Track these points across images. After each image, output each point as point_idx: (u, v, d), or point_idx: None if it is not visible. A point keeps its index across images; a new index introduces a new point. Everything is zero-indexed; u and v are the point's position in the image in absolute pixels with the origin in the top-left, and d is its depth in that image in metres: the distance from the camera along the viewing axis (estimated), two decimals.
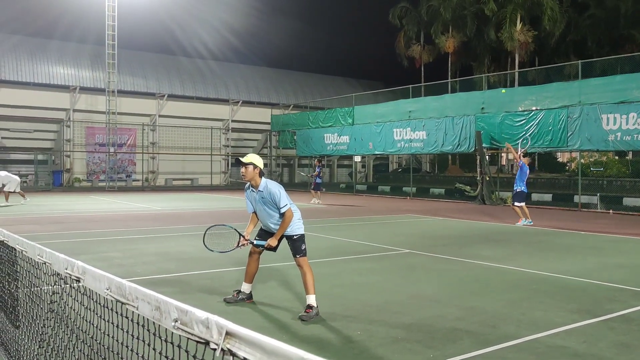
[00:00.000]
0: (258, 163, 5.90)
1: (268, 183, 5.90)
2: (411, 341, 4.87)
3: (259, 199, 5.94)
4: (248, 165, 5.85)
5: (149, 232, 12.70)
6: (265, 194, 5.86)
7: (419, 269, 8.33)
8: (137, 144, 36.25)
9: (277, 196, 5.79)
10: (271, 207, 5.89)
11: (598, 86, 20.00)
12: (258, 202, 5.97)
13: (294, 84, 45.15)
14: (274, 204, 5.84)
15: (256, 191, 5.94)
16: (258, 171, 5.88)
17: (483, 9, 39.85)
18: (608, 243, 11.67)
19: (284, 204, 5.79)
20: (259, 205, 5.98)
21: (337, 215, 17.81)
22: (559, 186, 27.64)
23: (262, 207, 5.95)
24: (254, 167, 5.85)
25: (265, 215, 5.99)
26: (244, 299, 6.20)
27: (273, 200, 5.82)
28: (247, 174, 5.86)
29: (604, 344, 4.80)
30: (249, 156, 5.96)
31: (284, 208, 5.78)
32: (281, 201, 5.79)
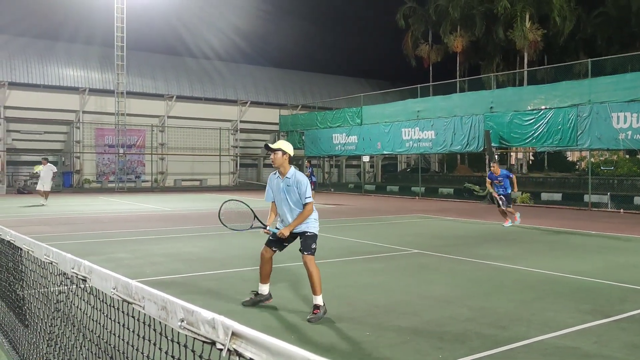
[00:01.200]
0: (287, 149, 5.74)
1: (297, 173, 5.76)
2: (420, 342, 4.83)
3: (283, 187, 5.77)
4: (277, 151, 5.69)
5: (158, 232, 12.73)
6: (292, 181, 5.71)
7: (428, 269, 8.28)
8: (146, 145, 36.41)
9: (303, 186, 5.66)
10: (293, 196, 5.73)
11: (608, 84, 19.84)
12: (281, 190, 5.79)
13: (302, 84, 45.16)
14: (297, 194, 5.70)
15: (282, 178, 5.78)
16: (287, 158, 5.73)
17: (491, 8, 39.68)
18: (619, 243, 11.57)
19: (309, 196, 5.68)
20: (280, 194, 5.80)
21: (345, 215, 17.78)
22: (569, 185, 27.44)
23: (284, 195, 5.77)
24: (282, 153, 5.70)
25: (284, 205, 5.82)
26: (263, 300, 6.05)
27: (298, 190, 5.68)
28: (276, 160, 5.71)
29: (615, 345, 4.74)
30: (279, 142, 5.84)
31: (308, 199, 5.67)
32: (307, 192, 5.68)
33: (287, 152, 5.72)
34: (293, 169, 5.79)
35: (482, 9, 39.85)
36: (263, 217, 6.02)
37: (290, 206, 5.79)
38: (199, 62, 41.46)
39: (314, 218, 5.84)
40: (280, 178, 5.81)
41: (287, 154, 5.72)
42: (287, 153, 5.71)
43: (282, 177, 5.78)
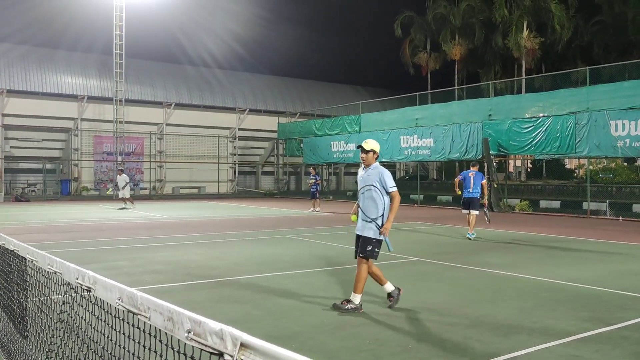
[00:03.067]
0: (377, 149, 6.29)
1: (379, 166, 6.28)
2: (422, 350, 4.82)
3: (365, 176, 6.23)
4: (369, 152, 6.22)
5: (157, 240, 12.70)
6: (373, 171, 6.17)
7: (428, 277, 8.28)
8: (145, 152, 36.38)
9: (384, 174, 6.11)
10: (374, 185, 6.10)
11: (606, 92, 19.92)
12: (363, 179, 6.24)
13: (301, 92, 45.22)
14: (378, 183, 6.09)
15: (365, 169, 6.29)
16: (376, 157, 6.28)
17: (490, 16, 39.90)
18: (619, 250, 11.57)
19: (393, 185, 6.11)
20: (362, 183, 6.25)
21: (344, 223, 17.77)
22: (568, 193, 27.46)
23: (365, 185, 6.19)
24: (374, 153, 6.24)
25: (365, 193, 6.18)
26: (398, 294, 6.36)
27: (381, 180, 6.09)
28: (368, 159, 6.25)
29: (617, 353, 4.74)
30: (370, 143, 6.31)
31: (393, 188, 6.09)
32: (390, 180, 6.11)
33: (377, 152, 6.30)
34: (377, 163, 6.30)
35: (481, 18, 40.08)
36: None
37: (370, 192, 6.15)
38: (198, 69, 41.52)
39: (378, 223, 6.15)
40: (365, 170, 6.32)
41: (377, 154, 6.30)
42: (377, 152, 6.30)
43: (366, 168, 6.30)
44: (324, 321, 5.76)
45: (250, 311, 6.18)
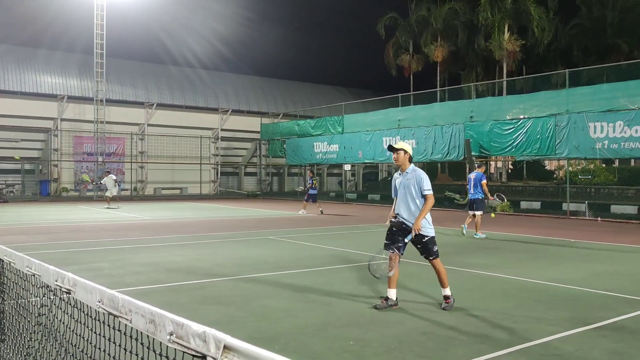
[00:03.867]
0: (408, 149, 6.37)
1: (416, 169, 6.39)
2: (404, 351, 4.83)
3: (403, 181, 6.35)
4: (399, 150, 6.32)
5: (138, 242, 12.59)
6: (411, 176, 6.30)
7: (411, 278, 8.29)
8: (126, 153, 36.04)
9: (421, 178, 6.24)
10: (412, 189, 6.26)
11: (585, 95, 20.19)
12: (402, 184, 6.36)
13: (284, 93, 45.17)
14: (416, 187, 6.24)
15: (402, 173, 6.40)
16: (408, 157, 6.34)
17: (472, 18, 40.24)
18: (598, 250, 11.73)
19: (428, 188, 6.23)
20: (401, 189, 6.38)
21: (328, 224, 17.78)
22: (548, 194, 27.79)
23: (404, 190, 6.32)
24: (404, 153, 6.31)
25: (404, 198, 6.34)
26: (392, 305, 6.33)
27: (418, 183, 6.24)
28: (399, 159, 6.34)
29: (597, 352, 4.79)
30: (400, 143, 6.49)
31: (427, 191, 6.22)
32: (425, 184, 6.24)
33: (408, 151, 6.35)
34: (413, 166, 6.41)
35: (464, 20, 40.42)
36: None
37: (407, 200, 6.31)
38: (180, 69, 41.27)
39: (430, 221, 6.34)
40: (401, 174, 6.44)
41: (409, 154, 6.35)
42: (408, 153, 6.34)
43: (403, 173, 6.41)
44: (308, 322, 5.75)
45: (234, 313, 6.15)
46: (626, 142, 18.53)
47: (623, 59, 34.69)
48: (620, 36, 38.22)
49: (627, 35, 38.16)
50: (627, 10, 38.14)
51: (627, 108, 18.61)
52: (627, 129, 18.46)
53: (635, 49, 37.89)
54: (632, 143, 18.40)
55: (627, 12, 38.17)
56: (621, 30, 38.36)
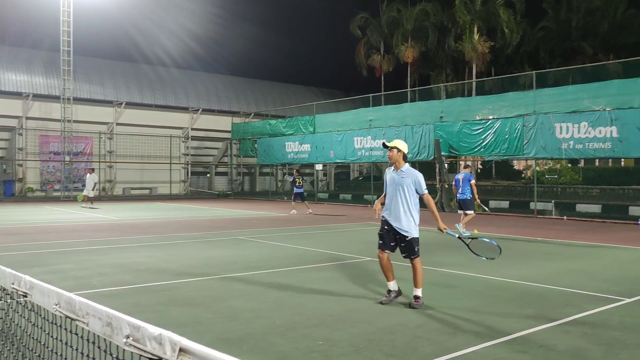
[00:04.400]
0: (402, 147, 6.49)
1: (410, 168, 6.55)
2: (373, 350, 4.85)
3: (397, 179, 6.44)
4: (393, 148, 6.45)
5: (105, 243, 12.38)
6: (407, 175, 6.44)
7: (379, 277, 8.33)
8: (94, 152, 35.39)
9: (418, 178, 6.42)
10: (407, 188, 6.39)
11: (551, 96, 20.59)
12: (396, 182, 6.44)
13: (255, 92, 44.95)
14: (412, 187, 6.38)
15: (397, 171, 6.47)
16: (402, 155, 6.46)
17: (442, 20, 40.72)
18: (563, 248, 11.97)
19: (425, 188, 6.44)
20: (394, 186, 6.46)
21: (298, 223, 17.76)
22: (516, 193, 28.29)
23: (397, 187, 6.43)
24: (397, 151, 6.44)
25: (395, 196, 6.43)
26: (396, 296, 6.58)
27: (415, 182, 6.38)
28: (392, 156, 6.46)
29: (560, 348, 4.89)
30: (394, 141, 6.63)
31: (426, 191, 6.45)
32: (423, 184, 6.43)
33: (402, 150, 6.46)
34: (408, 165, 6.55)
35: (434, 21, 40.86)
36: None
37: (398, 199, 6.41)
38: (150, 68, 40.70)
39: (417, 222, 6.53)
40: (396, 172, 6.51)
41: (402, 152, 6.46)
42: (402, 151, 6.46)
43: (397, 171, 6.50)
44: (276, 323, 5.73)
45: (201, 314, 6.09)
46: (590, 143, 18.96)
47: (588, 61, 35.54)
48: (585, 39, 39.13)
49: (591, 38, 39.09)
50: (591, 14, 39.07)
51: (591, 109, 19.04)
52: (591, 130, 18.89)
53: (599, 51, 38.81)
54: (595, 143, 18.84)
55: (591, 16, 39.09)
56: (585, 33, 39.28)
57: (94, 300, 5.48)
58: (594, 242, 12.93)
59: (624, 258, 10.75)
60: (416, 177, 6.42)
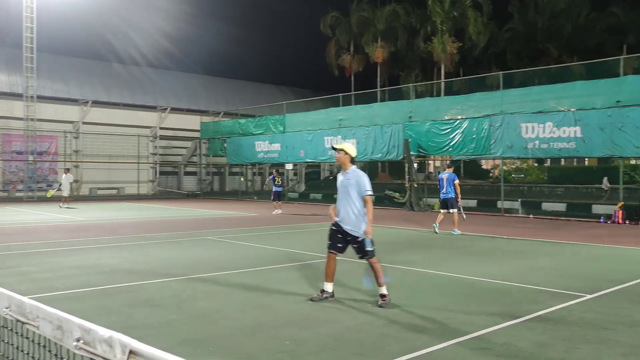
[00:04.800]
0: (349, 151, 6.64)
1: (357, 170, 6.61)
2: (340, 349, 4.85)
3: (344, 181, 6.56)
4: (340, 150, 6.63)
5: (70, 244, 12.11)
6: (351, 176, 6.51)
7: (348, 276, 8.34)
8: (59, 152, 34.64)
9: (362, 179, 6.42)
10: (352, 190, 6.44)
11: (518, 96, 20.93)
12: (343, 184, 6.56)
13: (225, 91, 44.62)
14: (356, 188, 6.41)
15: (344, 173, 6.62)
16: (349, 158, 6.59)
17: (411, 21, 41.10)
18: (528, 246, 12.19)
19: (369, 189, 6.41)
20: (341, 188, 6.57)
21: (268, 223, 17.69)
22: (483, 192, 28.68)
23: (344, 189, 6.52)
24: (345, 153, 6.59)
25: (344, 198, 6.52)
26: (328, 297, 6.58)
27: (358, 183, 6.41)
28: (340, 158, 6.62)
29: (523, 344, 4.97)
30: (343, 144, 6.79)
31: (368, 192, 6.41)
32: (367, 185, 6.41)
33: (348, 153, 6.61)
34: (354, 167, 6.63)
35: (404, 22, 41.21)
36: None
37: (347, 201, 6.47)
38: (117, 66, 40.04)
39: (366, 222, 6.45)
40: (343, 174, 6.65)
41: (349, 155, 6.59)
42: (348, 154, 6.59)
43: (344, 173, 6.63)
44: (243, 323, 5.69)
45: (168, 315, 6.00)
46: (555, 142, 19.35)
47: (553, 62, 36.32)
48: (550, 41, 39.98)
49: (556, 40, 39.96)
50: (556, 16, 39.93)
51: (556, 110, 19.43)
52: (555, 130, 19.28)
53: (563, 53, 39.70)
54: (560, 143, 19.23)
55: (556, 18, 39.96)
56: (550, 35, 40.14)
57: (56, 303, 5.36)
58: (559, 240, 13.20)
59: (587, 255, 11.00)
60: (359, 178, 6.45)
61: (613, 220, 17.87)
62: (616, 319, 5.87)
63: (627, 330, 5.46)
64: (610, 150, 18.26)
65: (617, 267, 9.35)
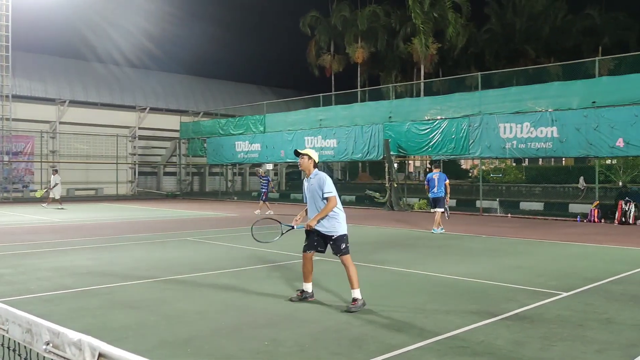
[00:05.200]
0: (313, 155, 6.65)
1: (319, 172, 6.60)
2: (318, 349, 4.85)
3: (308, 186, 6.59)
4: (304, 155, 6.61)
5: (46, 245, 11.93)
6: (314, 180, 6.52)
7: (327, 276, 8.36)
8: (36, 152, 34.09)
9: (323, 181, 6.43)
10: (316, 193, 6.47)
11: (496, 97, 21.15)
12: (307, 189, 6.60)
13: (205, 91, 44.36)
14: (319, 190, 6.43)
15: (307, 179, 6.64)
16: (312, 163, 6.60)
17: (392, 22, 41.31)
18: (506, 245, 12.33)
19: (329, 190, 6.39)
20: (307, 193, 6.60)
21: (247, 223, 17.59)
22: (463, 192, 28.92)
23: (310, 194, 6.56)
24: (308, 158, 6.58)
25: (311, 202, 6.55)
26: (307, 297, 6.59)
27: (320, 186, 6.43)
28: (303, 164, 6.61)
29: (500, 342, 5.02)
30: (306, 149, 6.79)
31: (328, 194, 6.39)
32: (326, 186, 6.40)
33: (312, 157, 6.62)
34: (316, 170, 6.63)
35: (384, 23, 41.40)
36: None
37: (316, 204, 6.50)
38: (95, 65, 39.54)
39: (340, 220, 6.51)
40: (307, 179, 6.67)
41: (312, 160, 6.61)
42: (312, 159, 6.61)
43: (308, 178, 6.65)
44: (222, 324, 5.66)
45: (145, 317, 5.95)
46: (532, 142, 19.59)
47: (530, 63, 36.77)
48: (528, 42, 40.48)
49: (533, 41, 40.49)
50: (534, 18, 40.46)
51: (533, 110, 19.68)
52: (533, 130, 19.52)
53: (540, 54, 40.23)
54: (537, 143, 19.48)
55: (534, 20, 40.49)
56: (528, 37, 40.65)
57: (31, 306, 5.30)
58: (536, 239, 13.37)
59: (564, 253, 11.15)
60: (320, 181, 6.47)
61: (589, 219, 18.15)
62: (591, 316, 5.97)
63: (601, 327, 5.55)
64: (586, 150, 18.54)
65: (593, 265, 9.50)
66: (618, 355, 4.70)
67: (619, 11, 39.92)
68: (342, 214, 6.58)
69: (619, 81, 18.32)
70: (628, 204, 17.46)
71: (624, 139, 17.48)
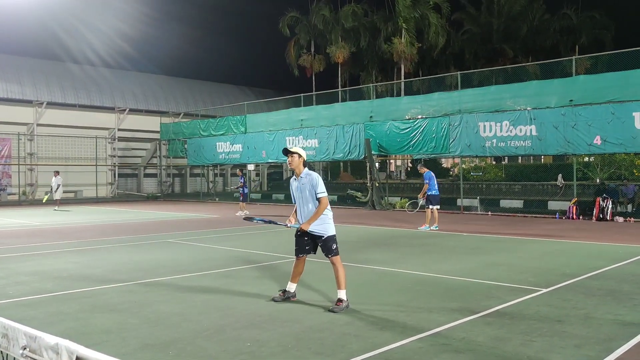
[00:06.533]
0: (302, 154, 6.57)
1: (311, 172, 6.53)
2: (301, 348, 4.85)
3: (299, 185, 6.50)
4: (294, 154, 6.50)
5: (24, 249, 11.76)
6: (306, 180, 6.45)
7: (310, 276, 8.36)
8: (13, 154, 33.58)
9: (315, 181, 6.38)
10: (309, 193, 6.40)
11: (475, 96, 21.36)
12: (298, 189, 6.51)
13: (185, 92, 44.06)
14: (312, 190, 6.37)
15: (297, 178, 6.53)
16: (302, 161, 6.51)
17: (372, 21, 41.42)
18: (487, 243, 12.44)
19: (322, 191, 6.37)
20: (297, 192, 6.52)
21: (230, 224, 17.56)
22: (444, 190, 28.90)
23: (301, 194, 6.48)
24: (299, 157, 6.50)
25: (302, 203, 6.50)
26: (290, 297, 6.61)
27: (312, 186, 6.37)
28: (293, 162, 6.50)
29: (481, 339, 5.07)
30: (296, 148, 6.68)
31: (321, 194, 6.36)
32: (319, 187, 6.37)
33: (302, 156, 6.53)
34: (307, 170, 6.55)
35: (365, 23, 41.50)
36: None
37: (307, 201, 6.45)
38: (73, 66, 39.04)
39: (330, 218, 6.49)
40: (297, 179, 6.57)
41: (302, 158, 6.53)
42: (302, 157, 6.52)
43: (298, 177, 6.54)
44: (204, 326, 5.63)
45: (127, 319, 5.90)
46: (512, 141, 19.81)
47: (509, 62, 37.18)
48: (506, 42, 40.90)
49: (512, 41, 40.93)
50: (513, 18, 40.90)
51: (512, 109, 19.90)
52: (512, 128, 19.74)
53: (519, 53, 40.68)
54: (516, 142, 19.70)
55: (512, 20, 40.93)
56: (506, 37, 41.07)
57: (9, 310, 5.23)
58: (516, 236, 13.52)
59: (543, 250, 11.29)
60: (313, 181, 6.43)
61: (568, 216, 18.41)
62: (570, 312, 6.06)
63: (580, 322, 5.63)
64: (564, 148, 18.80)
65: (571, 262, 9.64)
66: (597, 349, 4.78)
67: (595, 10, 40.55)
68: (331, 214, 6.57)
69: (596, 80, 18.61)
70: (605, 201, 17.74)
71: (601, 137, 17.76)
